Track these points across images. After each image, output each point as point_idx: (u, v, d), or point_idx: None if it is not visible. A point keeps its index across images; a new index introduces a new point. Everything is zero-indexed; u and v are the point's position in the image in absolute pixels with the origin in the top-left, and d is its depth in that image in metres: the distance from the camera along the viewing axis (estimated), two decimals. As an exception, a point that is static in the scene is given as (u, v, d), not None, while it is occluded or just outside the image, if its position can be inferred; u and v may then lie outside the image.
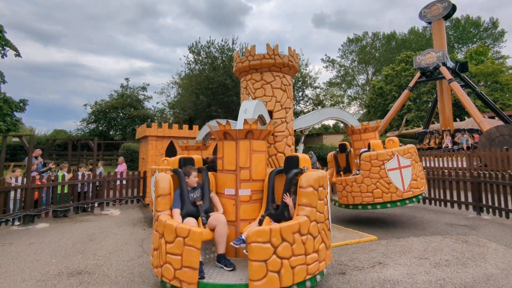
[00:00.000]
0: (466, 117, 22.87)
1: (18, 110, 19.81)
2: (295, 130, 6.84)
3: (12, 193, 7.40)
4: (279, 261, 3.17)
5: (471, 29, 41.28)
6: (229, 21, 76.41)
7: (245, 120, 4.19)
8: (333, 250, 5.32)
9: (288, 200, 3.85)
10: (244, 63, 6.18)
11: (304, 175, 3.75)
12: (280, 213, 3.87)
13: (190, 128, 11.71)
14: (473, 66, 27.99)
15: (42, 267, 4.62)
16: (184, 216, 3.87)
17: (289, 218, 3.72)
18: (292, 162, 4.14)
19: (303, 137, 7.04)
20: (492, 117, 19.45)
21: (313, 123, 6.94)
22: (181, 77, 24.57)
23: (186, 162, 4.52)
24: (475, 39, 41.02)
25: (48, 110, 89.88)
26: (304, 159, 4.09)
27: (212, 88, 19.61)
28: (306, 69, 23.96)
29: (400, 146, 6.95)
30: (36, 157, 9.70)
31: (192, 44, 22.63)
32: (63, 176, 8.57)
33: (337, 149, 8.49)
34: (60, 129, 34.87)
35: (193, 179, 4.16)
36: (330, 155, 8.54)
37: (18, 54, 19.18)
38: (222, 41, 21.90)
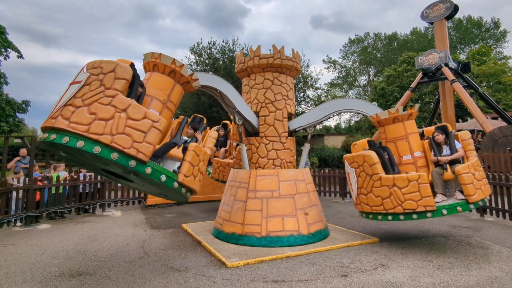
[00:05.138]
0: (468, 118, 22.77)
1: (20, 111, 19.84)
2: (295, 130, 6.83)
3: (14, 194, 7.42)
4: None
5: (473, 30, 41.15)
6: (227, 23, 76.69)
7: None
8: (335, 252, 5.30)
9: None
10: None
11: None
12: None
13: (192, 129, 11.69)
14: (475, 67, 27.88)
15: (43, 268, 4.61)
16: None
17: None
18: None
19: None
20: (495, 118, 19.36)
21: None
22: (183, 78, 24.60)
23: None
24: (477, 40, 40.89)
25: (49, 111, 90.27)
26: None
27: (214, 89, 19.61)
28: (307, 70, 23.95)
29: None
30: (23, 157, 9.31)
31: (194, 45, 22.68)
32: (58, 177, 8.55)
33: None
34: (62, 130, 34.99)
35: None
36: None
37: (20, 56, 19.26)
38: (223, 42, 21.92)
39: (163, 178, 3.77)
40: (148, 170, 3.63)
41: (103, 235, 6.60)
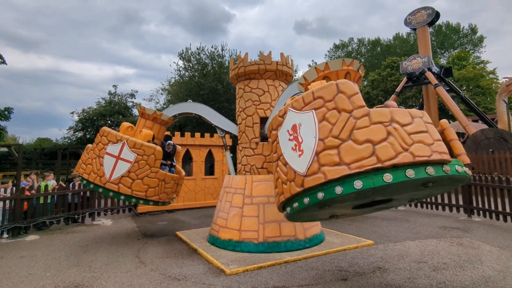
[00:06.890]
0: (451, 121, 23.49)
1: (2, 118, 19.16)
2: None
3: (0, 204, 7.16)
4: None
5: (452, 35, 42.59)
6: (212, 28, 77.17)
7: None
8: (332, 256, 5.35)
9: None
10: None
11: None
12: None
13: (182, 135, 11.62)
14: (455, 71, 28.84)
15: (37, 282, 4.47)
16: None
17: None
18: None
19: None
20: (476, 121, 20.02)
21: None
22: (171, 84, 24.40)
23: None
24: (456, 45, 42.32)
25: (31, 117, 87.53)
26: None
27: (203, 95, 19.53)
28: (295, 75, 24.21)
29: None
30: None
31: (182, 50, 22.59)
32: (46, 186, 8.30)
33: None
34: (44, 137, 33.93)
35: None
36: None
37: (3, 61, 18.66)
38: (212, 47, 21.93)
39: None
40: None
41: (95, 244, 6.45)
